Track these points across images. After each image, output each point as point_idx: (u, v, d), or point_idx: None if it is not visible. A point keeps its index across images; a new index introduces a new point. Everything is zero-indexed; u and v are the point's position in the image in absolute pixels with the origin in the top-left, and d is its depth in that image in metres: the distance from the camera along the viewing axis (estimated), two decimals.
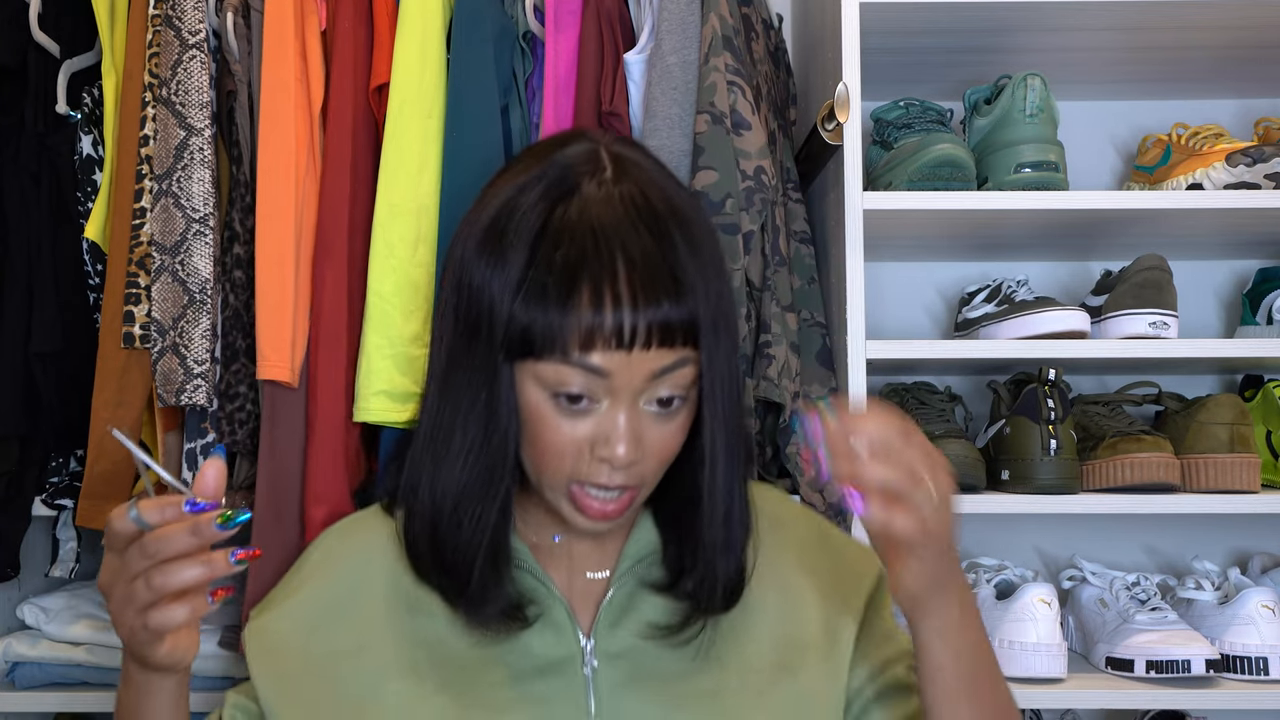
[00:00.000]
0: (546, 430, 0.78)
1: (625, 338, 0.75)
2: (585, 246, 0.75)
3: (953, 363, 1.55)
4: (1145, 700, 1.33)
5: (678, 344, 0.77)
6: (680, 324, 0.76)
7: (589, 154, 0.80)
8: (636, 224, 0.76)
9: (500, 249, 0.77)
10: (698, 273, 0.77)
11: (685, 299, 0.76)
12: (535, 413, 0.78)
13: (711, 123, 1.24)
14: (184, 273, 1.23)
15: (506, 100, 1.33)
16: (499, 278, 0.77)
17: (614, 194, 0.77)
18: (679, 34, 1.28)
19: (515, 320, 0.76)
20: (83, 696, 1.37)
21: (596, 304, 0.74)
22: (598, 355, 0.75)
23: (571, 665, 0.85)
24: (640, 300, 0.75)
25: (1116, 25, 1.43)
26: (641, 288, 0.75)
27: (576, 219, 0.76)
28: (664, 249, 0.76)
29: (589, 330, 0.74)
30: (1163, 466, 1.35)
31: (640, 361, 0.76)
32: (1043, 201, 1.35)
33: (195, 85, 1.25)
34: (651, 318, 0.75)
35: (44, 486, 1.38)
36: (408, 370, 1.23)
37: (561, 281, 0.75)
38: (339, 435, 1.23)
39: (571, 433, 0.78)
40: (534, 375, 0.77)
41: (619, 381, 0.76)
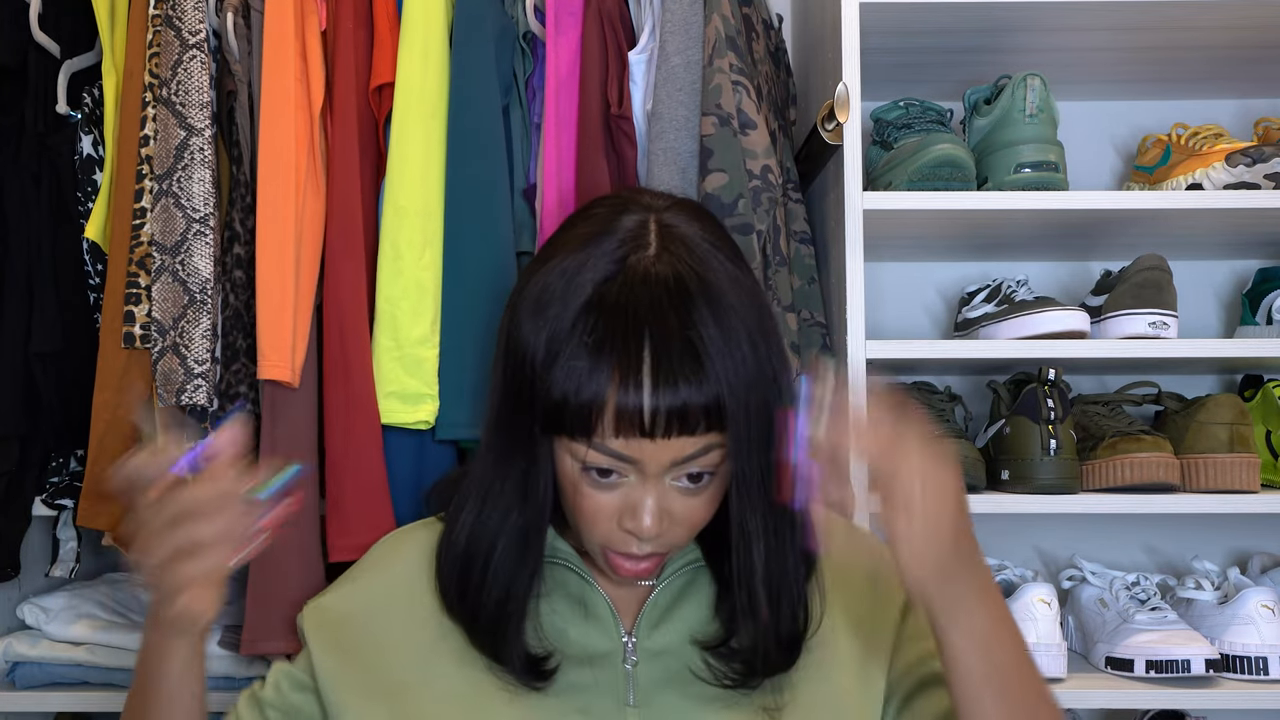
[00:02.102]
0: (579, 499, 0.81)
1: (647, 426, 0.76)
2: (615, 328, 0.76)
3: (953, 363, 1.55)
4: (1145, 700, 1.33)
5: (699, 430, 0.77)
6: (702, 409, 0.76)
7: (639, 226, 0.81)
8: (665, 306, 0.77)
9: (544, 318, 0.79)
10: (726, 352, 0.77)
11: (707, 382, 0.76)
12: (569, 481, 0.81)
13: (719, 124, 1.24)
14: (184, 273, 1.23)
15: (507, 100, 1.33)
16: (541, 347, 0.78)
17: (651, 273, 0.78)
18: (682, 35, 1.28)
19: (549, 394, 0.78)
20: (83, 696, 1.37)
21: (621, 388, 0.75)
22: (622, 442, 0.77)
23: (613, 659, 0.87)
24: (661, 385, 0.75)
25: (1116, 25, 1.43)
26: (663, 372, 0.75)
27: (614, 300, 0.77)
28: (690, 330, 0.76)
29: (614, 417, 0.76)
30: (1162, 466, 1.35)
31: (664, 448, 0.77)
32: (1043, 201, 1.35)
33: (195, 85, 1.25)
34: (671, 403, 0.75)
35: (44, 486, 1.38)
36: (416, 372, 1.24)
37: (590, 362, 0.76)
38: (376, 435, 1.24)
39: (602, 502, 0.81)
40: (567, 449, 0.80)
41: (643, 465, 0.78)
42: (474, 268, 1.26)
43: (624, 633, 0.88)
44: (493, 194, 1.28)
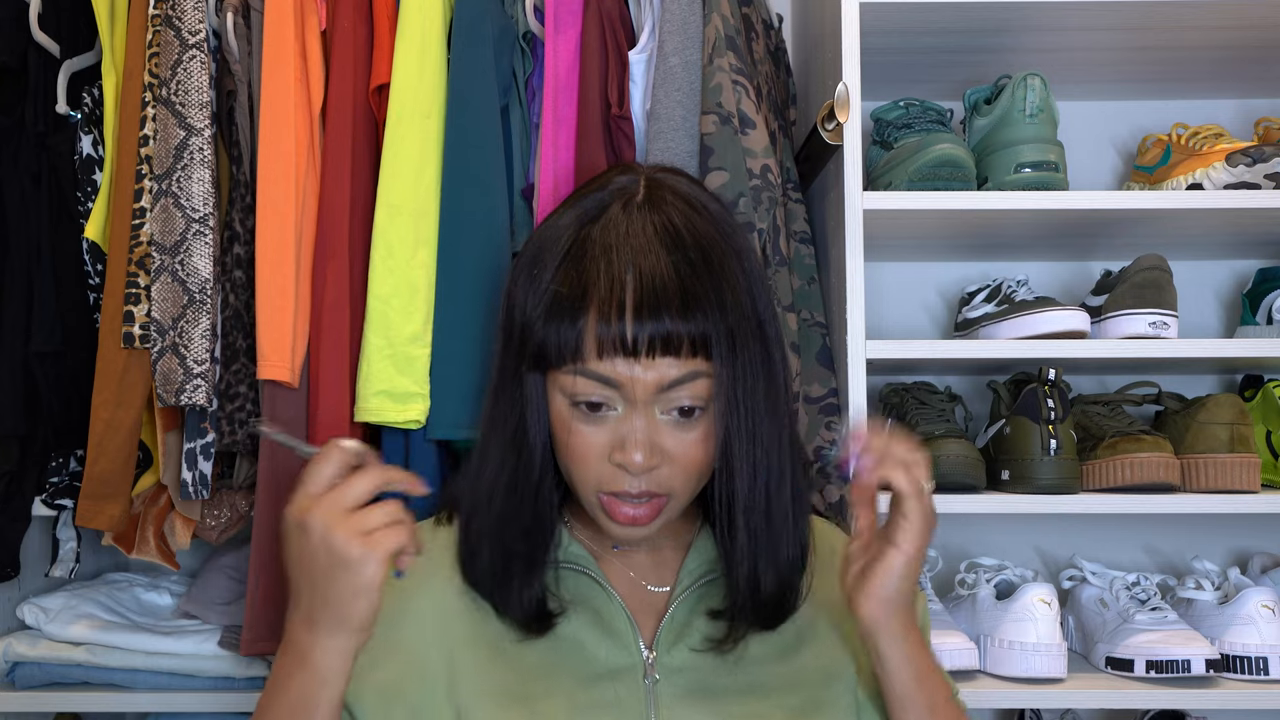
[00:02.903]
0: (570, 437, 0.83)
1: (629, 346, 0.79)
2: (599, 263, 0.80)
3: (953, 363, 1.55)
4: (1145, 700, 1.33)
5: (685, 355, 0.80)
6: (687, 336, 0.79)
7: (628, 182, 0.86)
8: (651, 242, 0.81)
9: (535, 269, 0.84)
10: (711, 289, 0.80)
11: (692, 313, 0.79)
12: (560, 420, 0.83)
13: (720, 123, 1.24)
14: (184, 273, 1.23)
15: (506, 100, 1.33)
16: (531, 295, 0.83)
17: (637, 217, 0.83)
18: (680, 35, 1.28)
19: (537, 333, 0.82)
20: (83, 696, 1.37)
21: (603, 316, 0.79)
22: (606, 364, 0.80)
23: (633, 675, 0.86)
24: (645, 313, 0.78)
25: (1116, 25, 1.43)
26: (646, 301, 0.78)
27: (597, 238, 0.82)
28: (675, 266, 0.80)
29: (596, 340, 0.79)
30: (1163, 466, 1.35)
31: (649, 371, 0.79)
32: (1043, 201, 1.35)
33: (195, 85, 1.25)
34: (655, 329, 0.78)
35: (44, 486, 1.38)
36: (407, 370, 1.23)
37: (574, 295, 0.80)
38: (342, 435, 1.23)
39: (593, 439, 0.82)
40: (557, 384, 0.83)
41: (631, 391, 0.80)
42: (470, 267, 1.26)
43: (644, 648, 0.87)
44: (490, 194, 1.27)
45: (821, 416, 1.31)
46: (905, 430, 1.45)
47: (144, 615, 1.47)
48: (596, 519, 0.86)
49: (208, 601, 1.43)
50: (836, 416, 1.33)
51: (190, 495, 1.24)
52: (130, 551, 1.34)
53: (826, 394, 1.32)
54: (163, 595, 1.53)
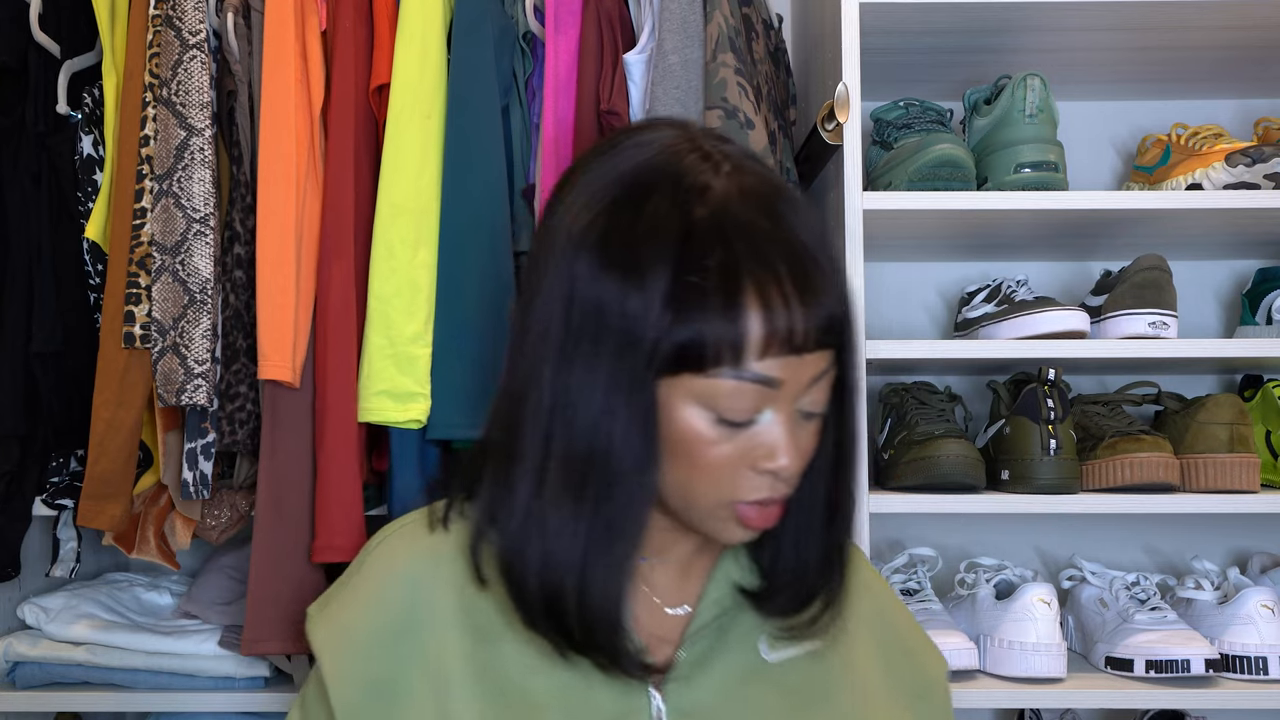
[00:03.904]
0: (704, 450, 0.72)
1: (797, 340, 0.70)
2: (739, 247, 0.69)
3: (953, 363, 1.55)
4: (1145, 700, 1.33)
5: (834, 342, 0.73)
6: (840, 319, 0.72)
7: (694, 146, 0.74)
8: (778, 219, 0.71)
9: (633, 260, 0.69)
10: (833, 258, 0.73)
11: (841, 294, 0.72)
12: (689, 432, 0.71)
13: (725, 118, 1.24)
14: (184, 273, 1.23)
15: (506, 100, 1.33)
16: (638, 291, 0.69)
17: (744, 187, 0.72)
18: (680, 34, 1.28)
19: (670, 334, 0.68)
20: (83, 696, 1.37)
21: (767, 307, 0.68)
22: (771, 362, 0.70)
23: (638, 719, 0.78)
24: (809, 299, 0.69)
25: (1116, 25, 1.43)
26: (805, 287, 0.69)
27: (720, 218, 0.70)
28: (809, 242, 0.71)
29: (763, 337, 0.69)
30: (1162, 466, 1.35)
31: (807, 365, 0.71)
32: (1043, 201, 1.35)
33: (196, 85, 1.25)
34: (819, 318, 0.70)
35: (44, 486, 1.38)
36: (409, 370, 1.23)
37: (723, 286, 0.68)
38: (351, 437, 1.24)
39: (733, 450, 0.72)
40: (691, 392, 0.70)
41: (786, 390, 0.71)
42: (471, 267, 1.26)
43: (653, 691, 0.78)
44: (490, 193, 1.28)
45: None
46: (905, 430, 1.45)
47: (144, 615, 1.47)
48: (712, 529, 0.76)
49: (208, 601, 1.43)
50: None
51: (191, 495, 1.24)
52: (130, 551, 1.34)
53: None
54: (163, 595, 1.53)
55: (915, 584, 1.48)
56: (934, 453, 1.36)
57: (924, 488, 1.37)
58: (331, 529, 1.22)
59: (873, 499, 1.32)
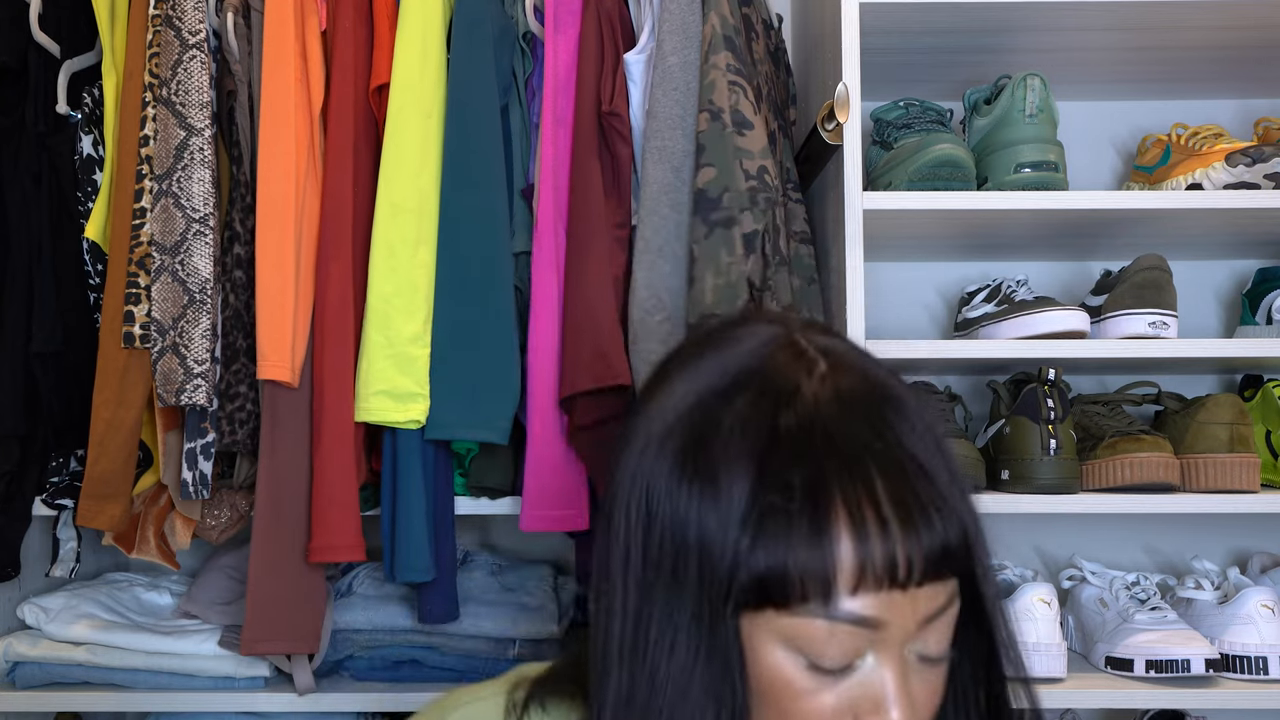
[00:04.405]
0: (795, 700, 0.61)
1: (900, 573, 0.59)
2: (829, 463, 0.59)
3: (953, 363, 1.55)
4: (1145, 700, 1.33)
5: (949, 573, 0.62)
6: (954, 546, 0.61)
7: (788, 344, 0.65)
8: (880, 427, 0.61)
9: (711, 471, 0.61)
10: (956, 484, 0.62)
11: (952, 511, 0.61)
12: (777, 678, 0.61)
13: (710, 120, 1.24)
14: (184, 273, 1.23)
15: (506, 100, 1.33)
16: (716, 507, 0.60)
17: (842, 392, 0.62)
18: (679, 34, 1.28)
19: (748, 562, 0.59)
20: (83, 696, 1.37)
21: (859, 533, 0.58)
22: (868, 599, 0.59)
23: None
24: (910, 523, 0.59)
25: (1116, 25, 1.43)
26: (908, 508, 0.59)
27: (809, 428, 0.61)
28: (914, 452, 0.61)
29: (856, 568, 0.58)
30: (1162, 466, 1.35)
31: (914, 602, 0.60)
32: (1043, 201, 1.35)
33: (195, 85, 1.25)
34: (927, 544, 0.59)
35: (44, 486, 1.38)
36: (408, 370, 1.23)
37: (808, 507, 0.59)
38: (348, 437, 1.24)
39: (828, 700, 0.61)
40: (776, 631, 0.60)
41: (890, 632, 0.60)
42: (470, 267, 1.26)
43: None
44: (490, 193, 1.28)
45: None
46: None
47: (144, 615, 1.47)
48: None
49: (208, 601, 1.43)
50: None
51: (190, 495, 1.24)
52: (130, 551, 1.34)
53: None
54: (163, 595, 1.53)
55: None
56: None
57: None
58: (329, 529, 1.22)
59: None
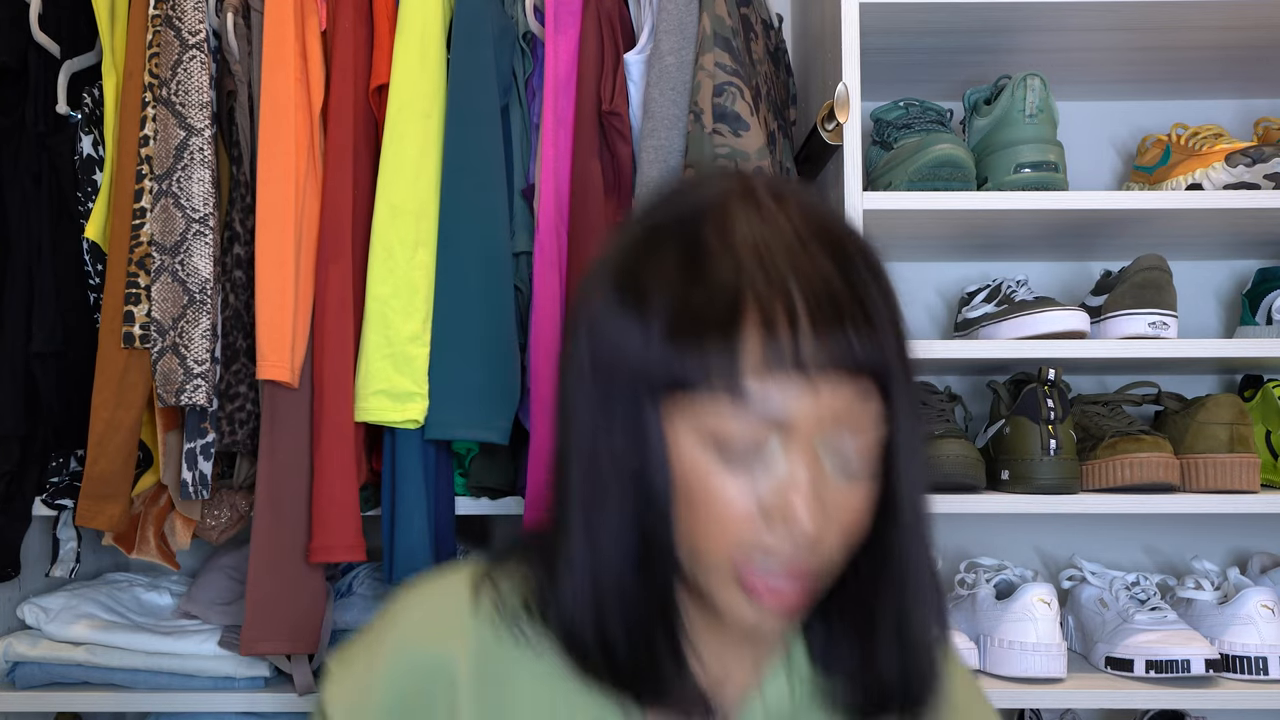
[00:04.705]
0: (706, 490, 0.64)
1: (804, 360, 0.61)
2: (748, 264, 0.63)
3: (953, 363, 1.55)
4: (1145, 700, 1.33)
5: (863, 381, 0.63)
6: (868, 354, 0.63)
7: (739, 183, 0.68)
8: (807, 241, 0.64)
9: (643, 278, 0.65)
10: (883, 300, 0.65)
11: (872, 328, 0.63)
12: (692, 469, 0.64)
13: (694, 121, 1.25)
14: (184, 273, 1.23)
15: (506, 100, 1.33)
16: (639, 314, 0.64)
17: (775, 212, 0.65)
18: (677, 34, 1.28)
19: (665, 353, 0.63)
20: (83, 696, 1.37)
21: (768, 325, 0.61)
22: (772, 384, 0.61)
23: None
24: (821, 323, 0.61)
25: (1116, 25, 1.43)
26: (822, 309, 0.62)
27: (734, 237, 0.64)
28: (841, 268, 0.63)
29: (763, 353, 0.61)
30: (1162, 466, 1.36)
31: (820, 394, 0.62)
32: (1043, 201, 1.35)
33: (195, 85, 1.25)
34: (835, 345, 0.61)
35: (44, 486, 1.38)
36: (406, 370, 1.23)
37: (724, 298, 0.62)
38: (348, 437, 1.24)
39: (738, 493, 0.63)
40: (691, 421, 0.63)
41: (797, 422, 0.62)
42: (470, 268, 1.26)
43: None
44: (490, 194, 1.28)
45: None
46: None
47: (144, 615, 1.47)
48: (723, 601, 0.66)
49: (208, 601, 1.43)
50: None
51: (190, 495, 1.24)
52: (130, 551, 1.34)
53: None
54: (163, 595, 1.53)
55: None
56: (934, 453, 1.36)
57: None
58: (329, 529, 1.22)
59: None
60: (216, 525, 1.32)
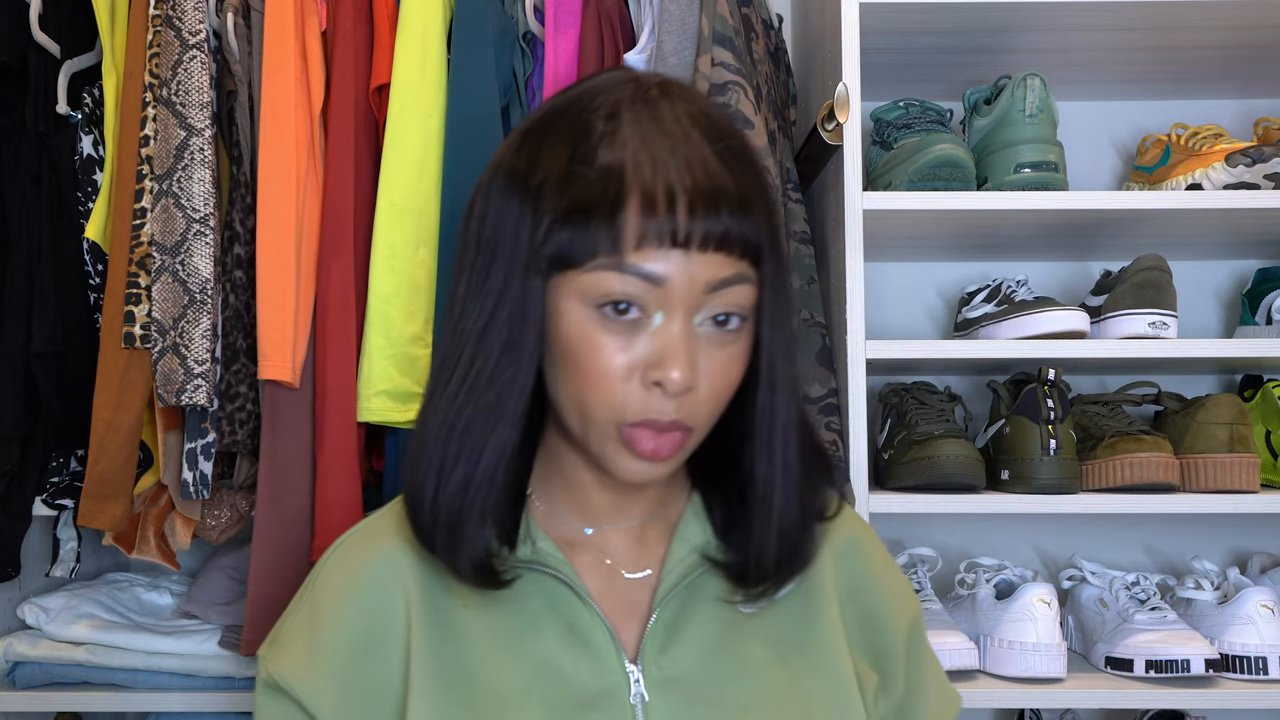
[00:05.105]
0: (591, 353, 0.69)
1: (682, 237, 0.67)
2: (634, 148, 0.68)
3: (953, 363, 1.55)
4: (1145, 700, 1.33)
5: (735, 253, 0.69)
6: (738, 231, 0.69)
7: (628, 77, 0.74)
8: (687, 129, 0.70)
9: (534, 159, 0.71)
10: (756, 185, 0.71)
11: (747, 210, 0.69)
12: (578, 334, 0.70)
13: None
14: (184, 273, 1.23)
15: (506, 100, 1.33)
16: (529, 191, 0.70)
17: (661, 106, 0.71)
18: (678, 35, 1.28)
19: (553, 228, 0.69)
20: (83, 696, 1.37)
21: (649, 204, 0.67)
22: (652, 256, 0.67)
23: (617, 696, 0.75)
24: (699, 203, 0.68)
25: (1116, 25, 1.43)
26: (699, 190, 0.68)
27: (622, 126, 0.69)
28: (720, 155, 0.70)
29: (640, 227, 0.67)
30: (1162, 466, 1.36)
31: (698, 268, 0.68)
32: (1042, 201, 1.35)
33: (195, 85, 1.25)
34: (709, 219, 0.68)
35: (44, 486, 1.38)
36: (408, 370, 1.24)
37: (609, 182, 0.68)
38: (350, 438, 1.24)
39: (620, 355, 0.69)
40: (577, 289, 0.69)
41: (674, 290, 0.68)
42: None
43: (627, 662, 0.75)
44: None
45: (821, 416, 1.31)
46: (905, 430, 1.45)
47: (144, 615, 1.47)
48: (604, 457, 0.73)
49: (208, 601, 1.43)
50: (836, 416, 1.33)
51: (191, 495, 1.24)
52: (130, 551, 1.34)
53: (826, 394, 1.33)
54: (163, 595, 1.53)
55: (915, 584, 1.48)
56: (934, 453, 1.36)
57: (924, 488, 1.37)
58: (331, 529, 1.22)
59: (873, 499, 1.32)
60: (217, 525, 1.32)
